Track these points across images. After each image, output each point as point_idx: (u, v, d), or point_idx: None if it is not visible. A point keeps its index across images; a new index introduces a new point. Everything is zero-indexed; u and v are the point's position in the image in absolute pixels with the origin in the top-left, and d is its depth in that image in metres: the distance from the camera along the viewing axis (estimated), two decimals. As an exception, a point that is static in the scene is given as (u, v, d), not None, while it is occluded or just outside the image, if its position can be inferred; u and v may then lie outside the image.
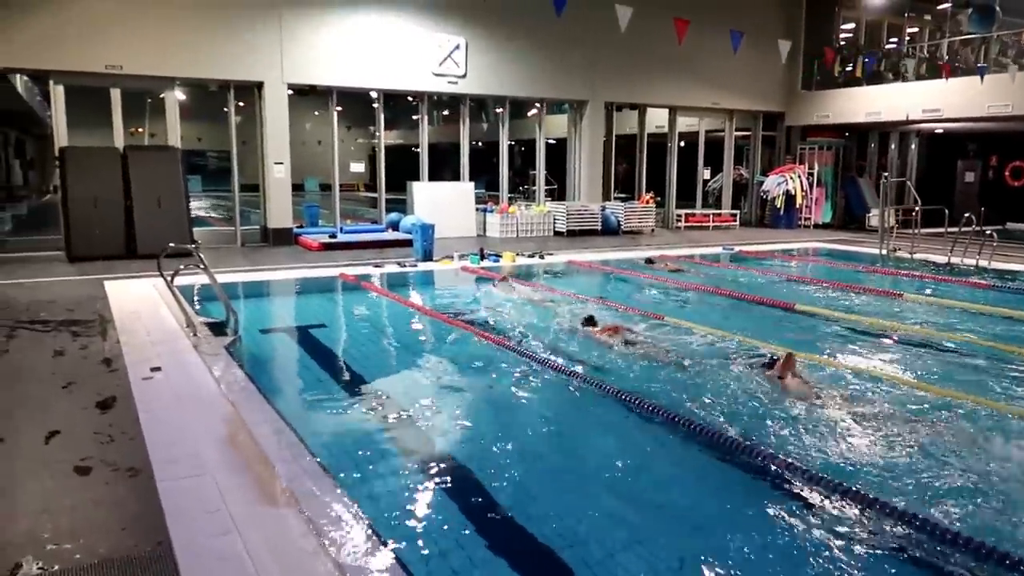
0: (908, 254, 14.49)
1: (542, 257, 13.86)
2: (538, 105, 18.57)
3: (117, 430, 4.87)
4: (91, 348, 6.97)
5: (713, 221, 20.62)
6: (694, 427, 5.13)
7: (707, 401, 5.73)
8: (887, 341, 7.94)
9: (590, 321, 7.81)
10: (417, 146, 17.54)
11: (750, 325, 8.27)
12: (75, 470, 4.25)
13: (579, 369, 6.43)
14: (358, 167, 19.63)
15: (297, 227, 16.14)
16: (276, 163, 15.10)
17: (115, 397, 5.55)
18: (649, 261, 13.05)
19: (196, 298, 9.70)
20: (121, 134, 14.02)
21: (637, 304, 9.39)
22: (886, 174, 17.16)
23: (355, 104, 15.74)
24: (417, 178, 17.44)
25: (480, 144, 23.21)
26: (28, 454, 4.49)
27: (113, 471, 4.24)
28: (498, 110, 19.46)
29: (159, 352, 6.79)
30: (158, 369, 6.24)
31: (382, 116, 16.73)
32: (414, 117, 37.15)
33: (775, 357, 6.48)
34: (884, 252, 14.75)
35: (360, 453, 4.70)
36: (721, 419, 5.35)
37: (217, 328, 7.78)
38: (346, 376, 6.60)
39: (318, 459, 4.42)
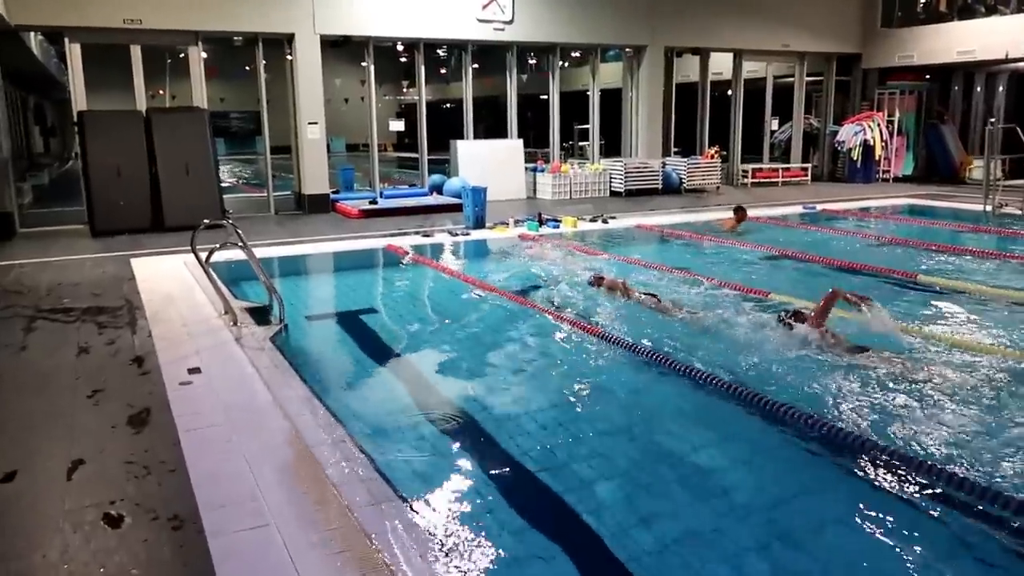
0: (1019, 210, 13.22)
1: (605, 222, 12.92)
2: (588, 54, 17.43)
3: (154, 457, 4.10)
4: (120, 343, 6.25)
5: (782, 176, 19.43)
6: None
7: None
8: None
9: (599, 281, 7.77)
10: (449, 102, 16.64)
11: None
12: (104, 519, 3.48)
13: (727, 377, 5.33)
14: (397, 125, 18.66)
15: (333, 191, 15.37)
16: (310, 123, 14.30)
17: (149, 409, 4.79)
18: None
19: (231, 277, 8.97)
20: (143, 95, 13.27)
21: (738, 277, 8.41)
22: (992, 120, 15.75)
23: (380, 58, 14.83)
24: (451, 136, 16.50)
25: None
26: (47, 494, 3.74)
27: (152, 519, 3.47)
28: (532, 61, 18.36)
29: (197, 347, 6.05)
30: (197, 371, 5.49)
31: (423, 69, 15.74)
32: (442, 71, 36.43)
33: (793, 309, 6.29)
34: (988, 208, 13.51)
35: (468, 505, 3.75)
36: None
37: (259, 314, 7.07)
38: (420, 380, 5.75)
39: (410, 504, 3.60)
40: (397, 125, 18.69)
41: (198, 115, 13.07)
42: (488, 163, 16.16)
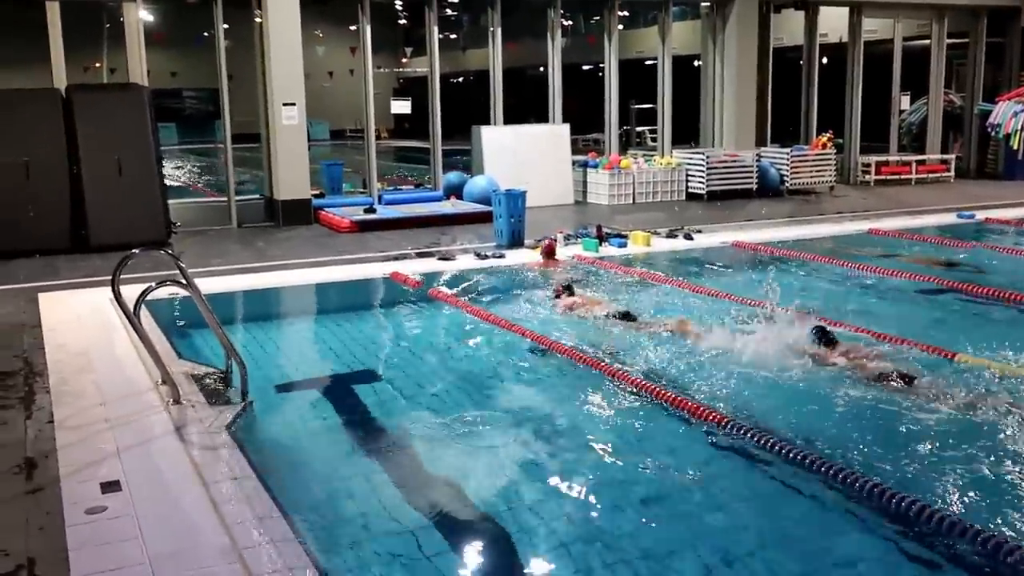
0: None
1: (688, 237, 12.02)
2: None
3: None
4: (3, 435, 5.39)
5: (916, 171, 18.55)
6: None
7: None
8: None
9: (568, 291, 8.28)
10: (463, 75, 16.13)
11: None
12: None
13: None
14: (401, 106, 18.01)
15: (315, 195, 14.69)
16: (286, 104, 13.73)
17: (34, 563, 3.87)
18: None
19: (176, 322, 8.22)
20: (63, 69, 12.74)
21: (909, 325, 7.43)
22: None
23: (374, 19, 14.41)
24: (466, 120, 15.79)
25: (543, 70, 21.67)
26: None
27: None
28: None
29: (118, 444, 5.21)
30: (115, 487, 4.60)
31: (435, 30, 15.10)
32: (452, 36, 35.82)
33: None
34: None
35: None
36: None
37: (211, 386, 6.31)
38: (451, 501, 4.79)
39: None
40: (402, 106, 17.96)
41: (135, 95, 12.47)
42: (523, 157, 15.48)
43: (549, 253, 10.61)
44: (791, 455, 4.92)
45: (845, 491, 4.56)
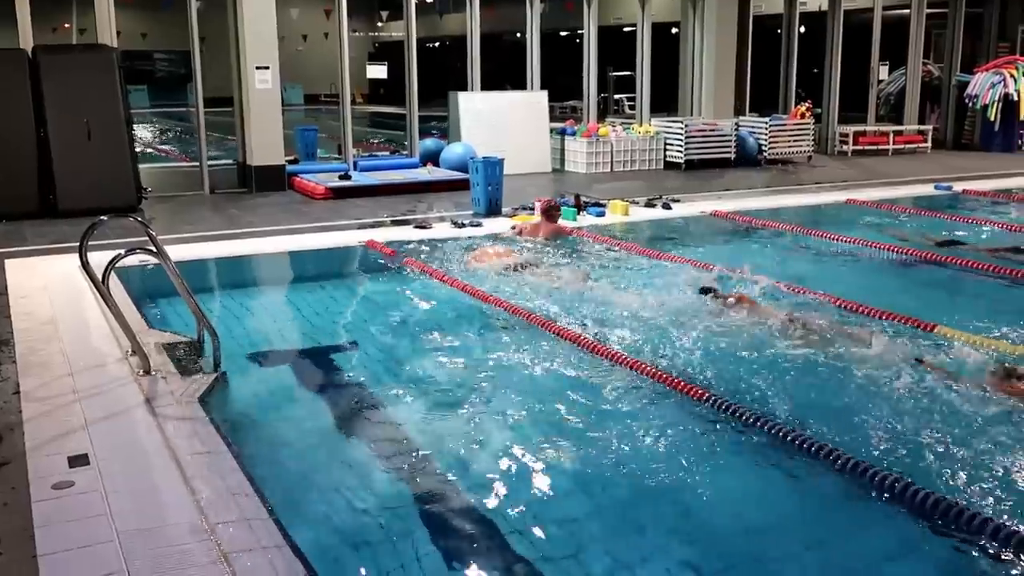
0: None
1: (667, 207, 11.93)
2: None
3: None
4: (-31, 406, 5.23)
5: (894, 142, 18.51)
6: None
7: None
8: None
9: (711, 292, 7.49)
10: (439, 40, 15.88)
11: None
12: None
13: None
14: (377, 71, 17.76)
15: (289, 161, 14.47)
16: (259, 67, 13.47)
17: (-1, 540, 3.75)
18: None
19: (147, 289, 8.08)
20: (29, 28, 12.36)
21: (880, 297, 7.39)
22: None
23: None
24: (443, 86, 15.59)
25: (521, 36, 21.44)
26: None
27: None
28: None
29: (86, 416, 5.07)
30: (83, 461, 4.48)
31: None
32: (428, 0, 35.36)
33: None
34: None
35: None
36: None
37: (183, 355, 6.17)
38: (431, 476, 4.71)
39: None
40: (377, 70, 17.72)
41: (104, 56, 12.22)
42: (500, 123, 15.30)
43: (550, 216, 10.07)
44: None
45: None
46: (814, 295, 7.53)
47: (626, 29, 19.95)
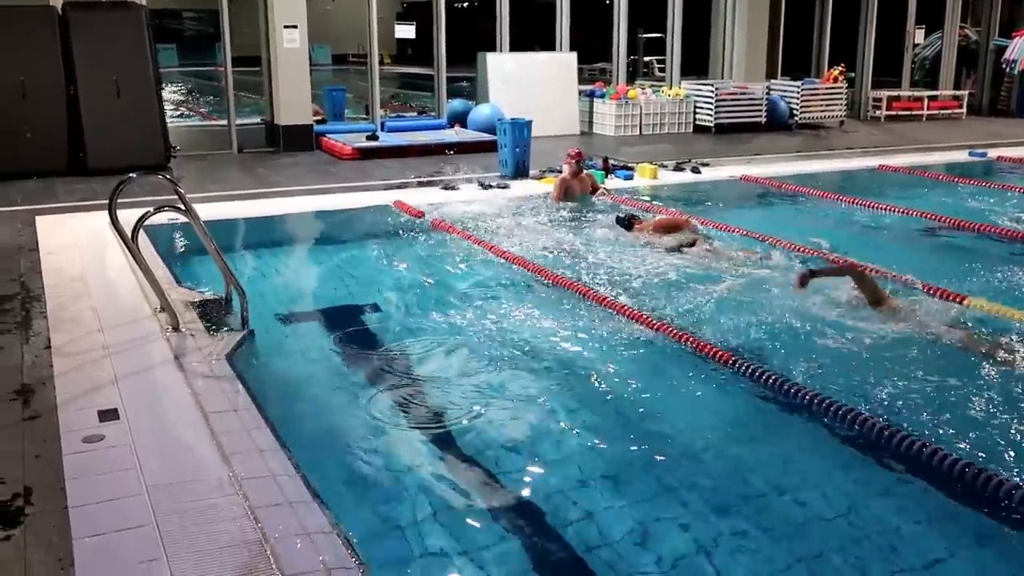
0: None
1: (696, 171, 11.81)
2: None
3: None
4: (0, 360, 5.28)
5: (928, 107, 18.20)
6: None
7: None
8: None
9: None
10: (462, 1, 15.66)
11: None
12: None
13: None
14: (405, 30, 17.65)
15: (317, 121, 14.43)
16: (287, 26, 13.37)
17: (29, 492, 3.80)
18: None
19: (176, 248, 8.12)
20: (58, -16, 12.28)
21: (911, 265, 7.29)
22: None
23: None
24: (472, 47, 15.42)
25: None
26: None
27: None
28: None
29: (116, 372, 5.11)
30: (113, 416, 4.51)
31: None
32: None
33: None
34: None
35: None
36: None
37: (211, 313, 6.20)
38: (456, 441, 4.71)
39: None
40: (405, 30, 17.59)
41: (134, 13, 12.17)
42: (529, 85, 15.17)
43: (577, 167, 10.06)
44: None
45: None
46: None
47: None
